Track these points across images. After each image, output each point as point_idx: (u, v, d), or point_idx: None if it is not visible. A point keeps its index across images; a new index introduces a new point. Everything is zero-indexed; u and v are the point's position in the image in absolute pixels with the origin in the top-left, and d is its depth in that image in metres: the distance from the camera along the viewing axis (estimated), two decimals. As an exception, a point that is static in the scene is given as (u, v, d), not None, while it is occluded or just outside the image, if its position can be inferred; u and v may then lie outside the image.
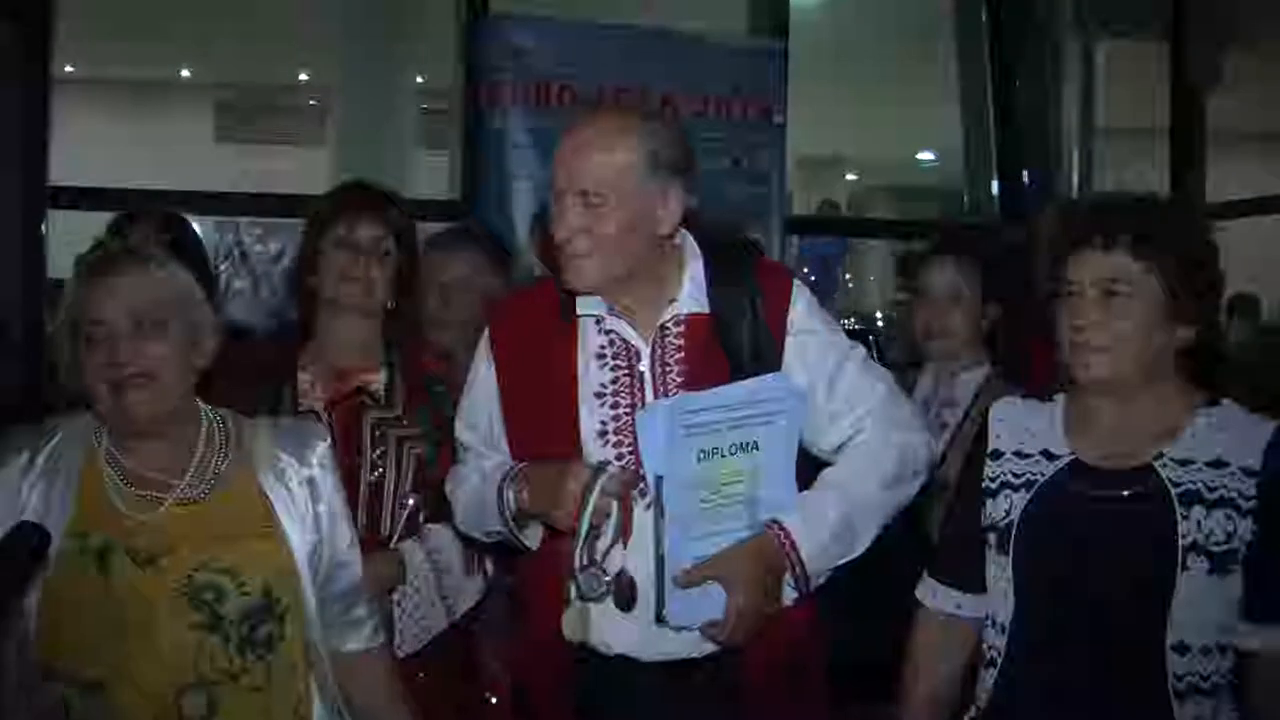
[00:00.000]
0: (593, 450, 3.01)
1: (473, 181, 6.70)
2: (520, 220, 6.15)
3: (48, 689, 2.67)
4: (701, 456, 2.91)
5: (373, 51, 10.17)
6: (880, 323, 10.84)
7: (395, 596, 3.55)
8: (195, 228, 4.87)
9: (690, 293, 3.06)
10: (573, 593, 2.95)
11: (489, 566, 3.73)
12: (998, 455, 2.88)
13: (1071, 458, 2.78)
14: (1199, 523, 2.60)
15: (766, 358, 3.04)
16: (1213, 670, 2.63)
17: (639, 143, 2.95)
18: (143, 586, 2.67)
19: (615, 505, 2.89)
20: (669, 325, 3.05)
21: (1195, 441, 2.68)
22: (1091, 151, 8.29)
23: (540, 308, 3.14)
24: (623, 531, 2.92)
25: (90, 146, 9.85)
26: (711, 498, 2.94)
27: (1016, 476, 2.82)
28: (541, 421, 3.07)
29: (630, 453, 2.99)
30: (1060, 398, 2.88)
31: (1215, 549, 2.59)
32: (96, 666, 2.65)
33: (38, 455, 2.78)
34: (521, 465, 3.06)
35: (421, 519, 3.63)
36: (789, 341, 3.07)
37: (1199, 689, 2.62)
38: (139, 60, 13.56)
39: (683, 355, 3.04)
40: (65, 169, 6.79)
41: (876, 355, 3.24)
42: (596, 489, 2.86)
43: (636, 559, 2.94)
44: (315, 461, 2.94)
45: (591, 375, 3.05)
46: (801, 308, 3.10)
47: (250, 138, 15.35)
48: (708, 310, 3.05)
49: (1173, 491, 2.63)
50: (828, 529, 2.96)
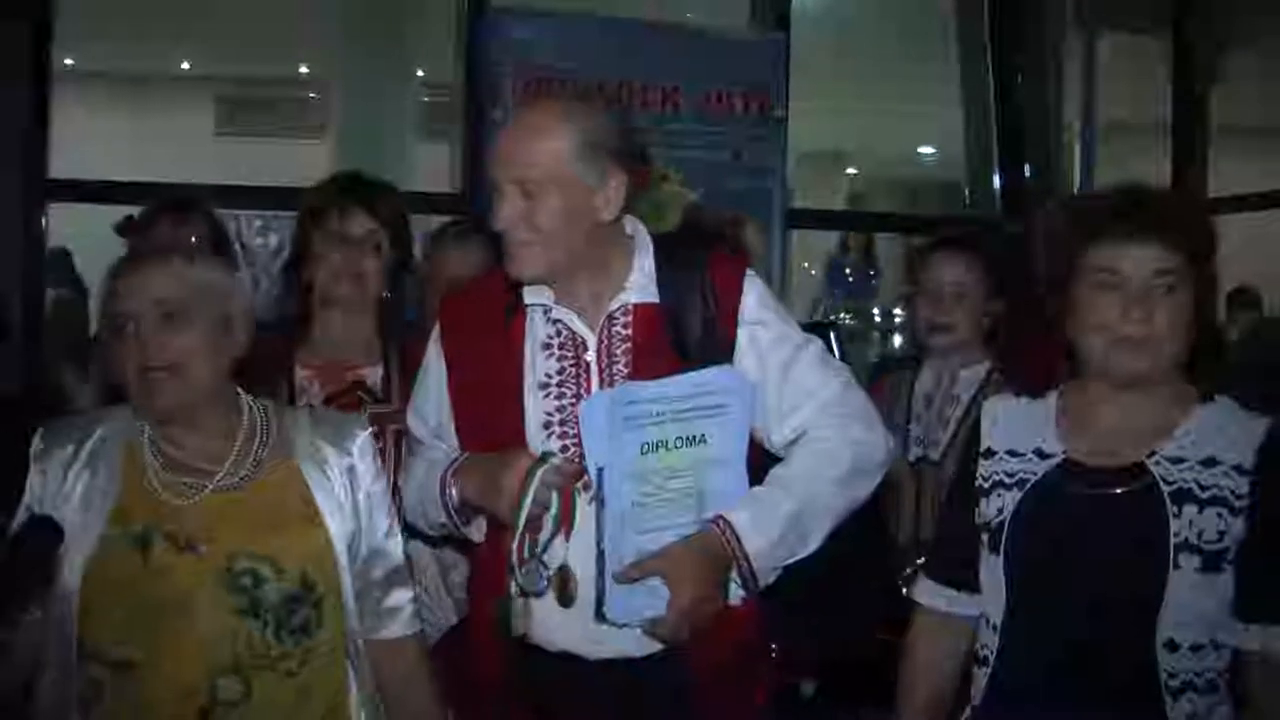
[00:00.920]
0: (538, 442, 2.95)
1: (473, 175, 6.69)
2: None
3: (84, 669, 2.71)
4: (645, 449, 2.85)
5: (373, 45, 10.18)
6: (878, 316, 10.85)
7: None
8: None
9: (639, 282, 2.99)
10: (513, 587, 2.90)
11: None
12: (990, 454, 2.85)
13: (1064, 456, 2.75)
14: (1191, 521, 2.58)
15: (717, 349, 2.97)
16: (1206, 668, 2.62)
17: (572, 129, 2.88)
18: (182, 571, 2.71)
19: (555, 497, 2.84)
20: (616, 315, 2.99)
21: (1188, 439, 2.65)
22: (1093, 147, 8.27)
23: (489, 297, 3.08)
24: (563, 524, 2.86)
25: (90, 140, 9.82)
26: (655, 491, 2.87)
27: (1009, 475, 2.79)
28: (488, 412, 3.02)
29: (575, 444, 2.92)
30: (1053, 395, 2.85)
31: (1207, 547, 2.57)
32: (134, 648, 2.69)
33: (83, 445, 2.83)
34: (464, 456, 3.02)
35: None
36: (741, 333, 3.00)
37: (1193, 686, 2.60)
38: (138, 53, 13.51)
39: (630, 346, 2.97)
40: (65, 162, 6.78)
41: (836, 351, 3.18)
42: (535, 480, 2.81)
43: (578, 553, 2.88)
44: (355, 451, 2.95)
45: (538, 365, 2.99)
46: (753, 299, 3.03)
47: (250, 131, 15.30)
48: (657, 300, 2.99)
49: (1165, 490, 2.61)
50: (776, 526, 2.88)
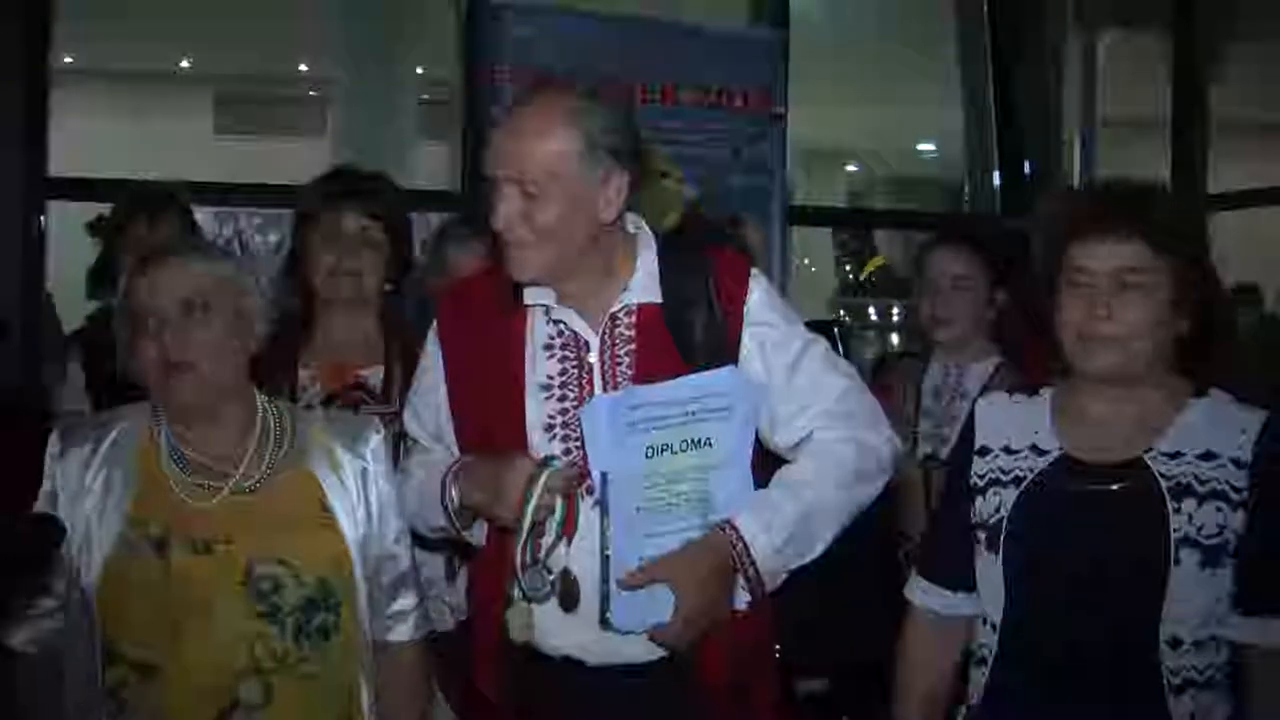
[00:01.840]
0: (539, 445, 2.90)
1: (473, 172, 6.68)
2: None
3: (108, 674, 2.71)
4: (649, 453, 2.80)
5: (373, 42, 10.18)
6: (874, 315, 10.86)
7: None
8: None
9: (642, 282, 2.94)
10: (516, 592, 2.86)
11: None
12: (985, 451, 2.83)
13: (1061, 453, 2.73)
14: (1190, 516, 2.57)
15: (722, 350, 2.92)
16: (1208, 664, 2.61)
17: (575, 127, 2.80)
18: (200, 574, 2.71)
19: (559, 502, 2.80)
20: (619, 316, 2.93)
21: (1185, 434, 2.64)
22: (1092, 144, 8.28)
23: (489, 296, 3.02)
24: (566, 529, 2.82)
25: (89, 138, 9.83)
26: (660, 496, 2.82)
27: (1005, 473, 2.77)
28: (488, 414, 2.97)
29: (578, 447, 2.87)
30: (1048, 391, 2.83)
31: (1207, 542, 2.56)
32: (154, 650, 2.69)
33: (100, 446, 2.83)
34: (465, 459, 2.96)
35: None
36: (745, 334, 2.95)
37: (1194, 683, 2.59)
38: (138, 52, 13.53)
39: (634, 347, 2.91)
40: (64, 160, 6.78)
41: (841, 349, 3.16)
42: (540, 484, 2.75)
43: (582, 559, 2.83)
44: (369, 454, 2.96)
45: (540, 367, 2.94)
46: (758, 299, 2.98)
47: (250, 129, 15.32)
48: (660, 300, 2.94)
49: (1163, 485, 2.60)
50: (783, 530, 2.84)
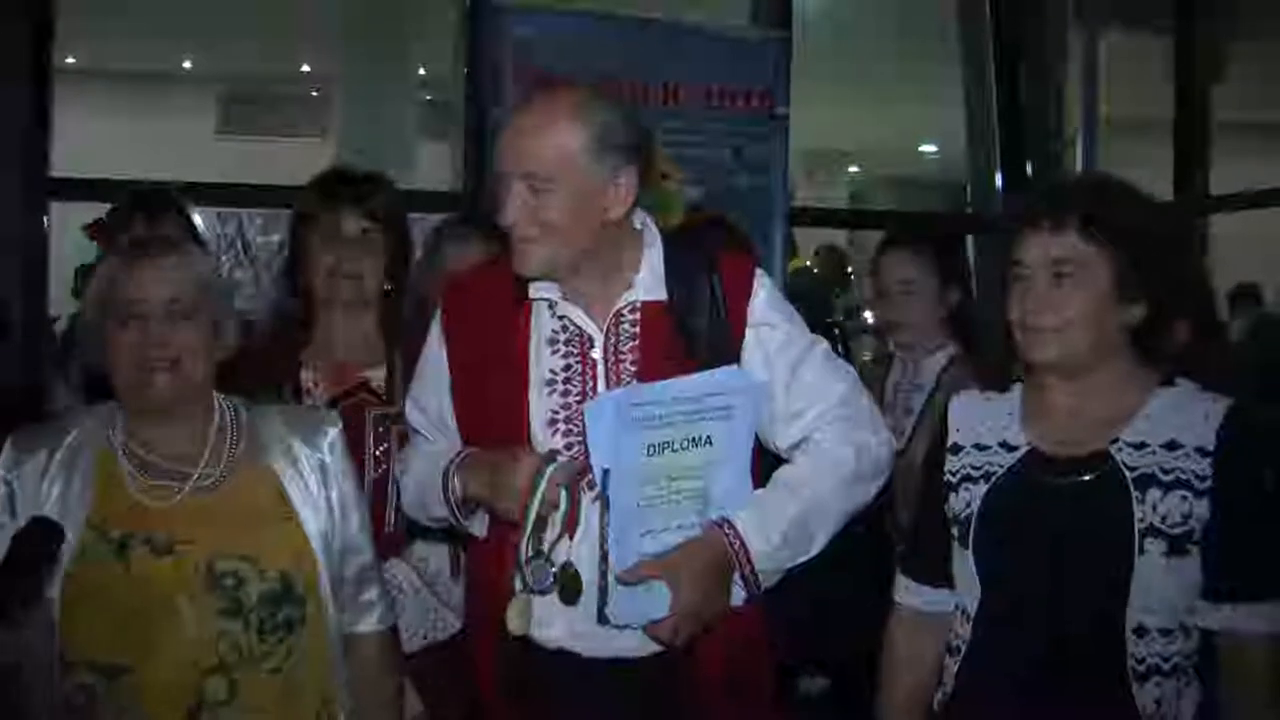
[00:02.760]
0: (541, 439, 2.93)
1: (475, 173, 6.69)
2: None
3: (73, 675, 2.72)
4: (651, 450, 2.82)
5: (374, 43, 10.20)
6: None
7: None
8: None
9: (647, 280, 2.97)
10: (518, 584, 2.88)
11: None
12: (957, 449, 2.89)
13: (1029, 448, 2.79)
14: (1154, 506, 2.62)
15: (725, 349, 2.95)
16: (1174, 652, 2.65)
17: (586, 124, 2.84)
18: (162, 574, 2.72)
19: (564, 495, 2.82)
20: (624, 313, 2.96)
21: (1150, 424, 2.69)
22: (1094, 144, 8.27)
23: (494, 288, 3.04)
24: (569, 524, 2.85)
25: (91, 139, 9.83)
26: (660, 493, 2.85)
27: (976, 469, 2.83)
28: (490, 407, 2.99)
29: (580, 442, 2.90)
30: (1017, 388, 2.89)
31: (1171, 531, 2.60)
32: (119, 653, 2.70)
33: (55, 451, 2.83)
34: (469, 451, 2.98)
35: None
36: (749, 333, 2.98)
37: (1159, 670, 2.64)
38: (140, 52, 13.55)
39: (638, 344, 2.95)
40: (67, 161, 6.78)
41: (842, 351, 3.17)
42: (546, 478, 2.79)
43: (582, 552, 2.87)
44: (326, 447, 2.97)
45: (543, 361, 2.97)
46: (763, 299, 3.02)
47: (252, 129, 15.34)
48: (665, 298, 2.97)
49: (1128, 475, 2.65)
50: (781, 529, 2.87)
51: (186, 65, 14.90)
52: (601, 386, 2.93)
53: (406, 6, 9.75)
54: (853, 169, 17.66)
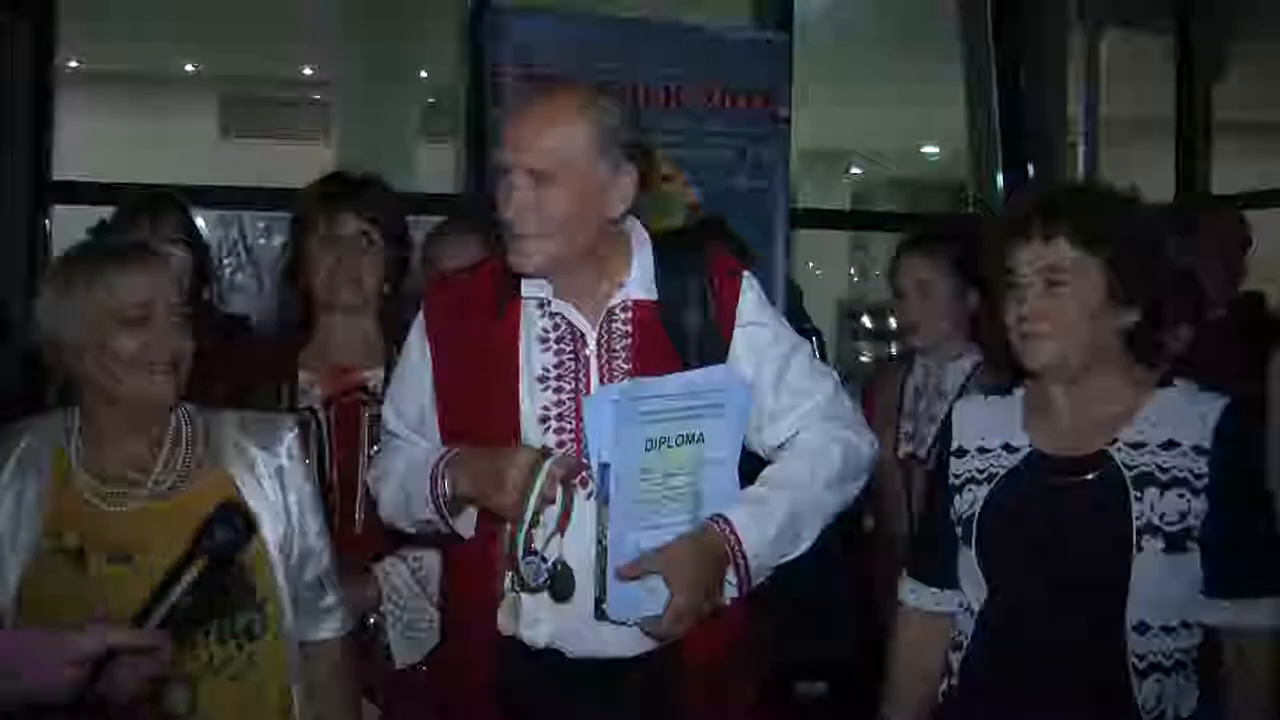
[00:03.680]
0: (534, 436, 2.93)
1: (476, 175, 6.69)
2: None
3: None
4: (649, 445, 2.83)
5: (376, 46, 10.17)
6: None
7: (384, 609, 3.53)
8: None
9: (639, 279, 2.98)
10: (509, 583, 2.88)
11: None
12: (962, 453, 2.96)
13: (1030, 449, 2.86)
14: (1152, 504, 2.67)
15: (713, 349, 2.97)
16: (1174, 648, 2.69)
17: (591, 121, 2.85)
18: (119, 583, 2.69)
19: (561, 492, 2.82)
20: (616, 311, 2.97)
21: (1148, 424, 2.74)
22: (1096, 145, 8.27)
23: (479, 289, 3.05)
24: (563, 520, 2.85)
25: (93, 142, 9.84)
26: (656, 488, 2.85)
27: (980, 472, 2.90)
28: (481, 406, 2.98)
29: (572, 439, 2.91)
30: (1019, 391, 2.95)
31: (1169, 528, 2.65)
32: None
33: (7, 460, 2.81)
34: (458, 450, 2.96)
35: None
36: (737, 334, 3.00)
37: (1160, 667, 2.68)
38: (142, 55, 13.53)
39: (630, 342, 2.96)
40: (69, 163, 6.79)
41: (819, 353, 3.18)
42: (544, 475, 2.78)
43: (573, 549, 2.85)
44: (284, 452, 2.96)
45: (534, 359, 2.96)
46: (751, 300, 3.03)
47: (254, 132, 15.33)
48: (656, 297, 2.98)
49: (1126, 475, 2.71)
50: (773, 526, 2.87)
51: (188, 68, 14.88)
52: (595, 383, 2.93)
53: (408, 9, 9.73)
54: (854, 170, 17.62)
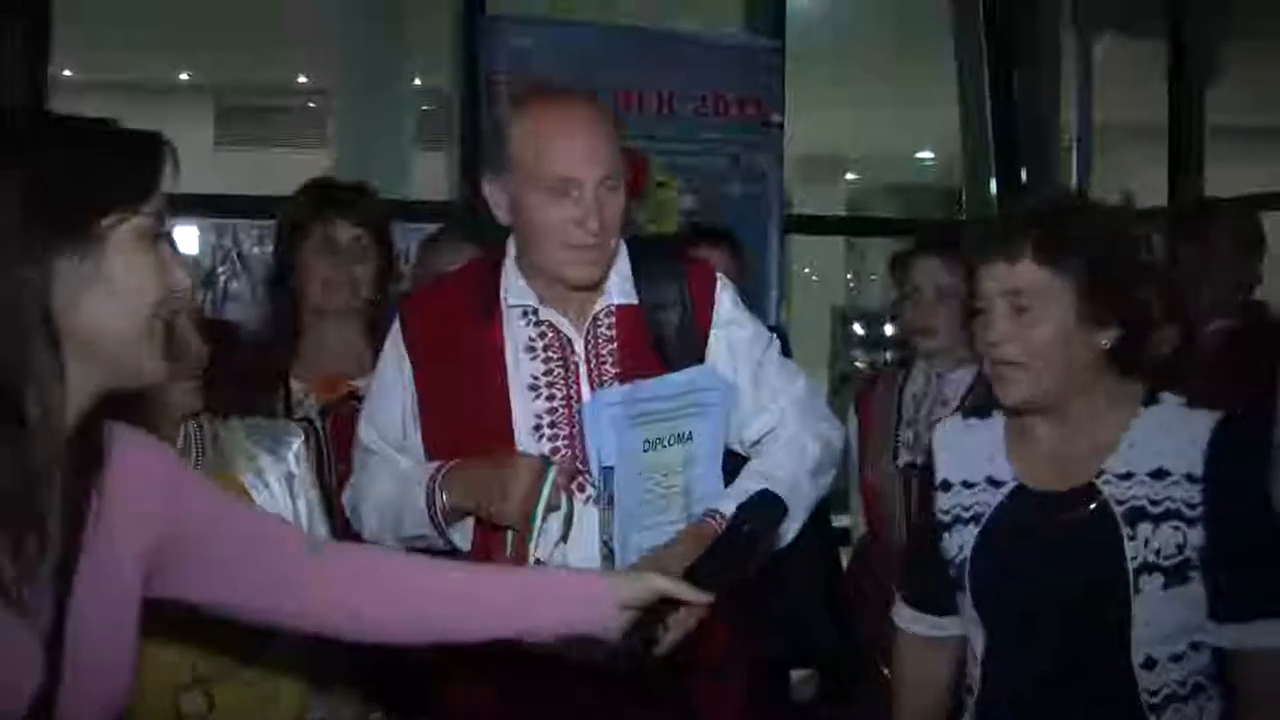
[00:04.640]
0: (528, 444, 2.93)
1: (471, 183, 6.70)
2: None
3: None
4: (647, 446, 2.87)
5: (371, 54, 10.17)
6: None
7: None
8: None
9: (619, 284, 3.01)
10: None
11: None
12: (947, 486, 2.83)
13: (1015, 483, 2.72)
14: (1147, 540, 2.54)
15: (693, 350, 3.00)
16: (1189, 673, 2.59)
17: (615, 128, 2.94)
18: None
19: (565, 498, 2.83)
20: (600, 316, 2.99)
21: (1135, 451, 2.61)
22: (1089, 150, 8.29)
23: (457, 301, 3.06)
24: (567, 526, 2.86)
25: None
26: (654, 489, 2.89)
27: (966, 510, 2.76)
28: (471, 417, 2.97)
29: (566, 445, 2.93)
30: (999, 414, 2.80)
31: (1166, 563, 2.53)
32: None
33: None
34: (452, 463, 2.95)
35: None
36: (715, 334, 3.03)
37: (1176, 697, 2.57)
38: (137, 63, 13.54)
39: (615, 346, 2.98)
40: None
41: (783, 350, 3.21)
42: (549, 482, 2.79)
43: (576, 554, 2.87)
44: (292, 458, 2.97)
45: (523, 368, 2.97)
46: (728, 301, 3.07)
47: (250, 140, 15.33)
48: (637, 302, 3.01)
49: (1117, 511, 2.57)
50: None
51: (184, 77, 14.90)
52: (585, 389, 2.95)
53: (403, 18, 9.74)
54: (849, 176, 17.64)
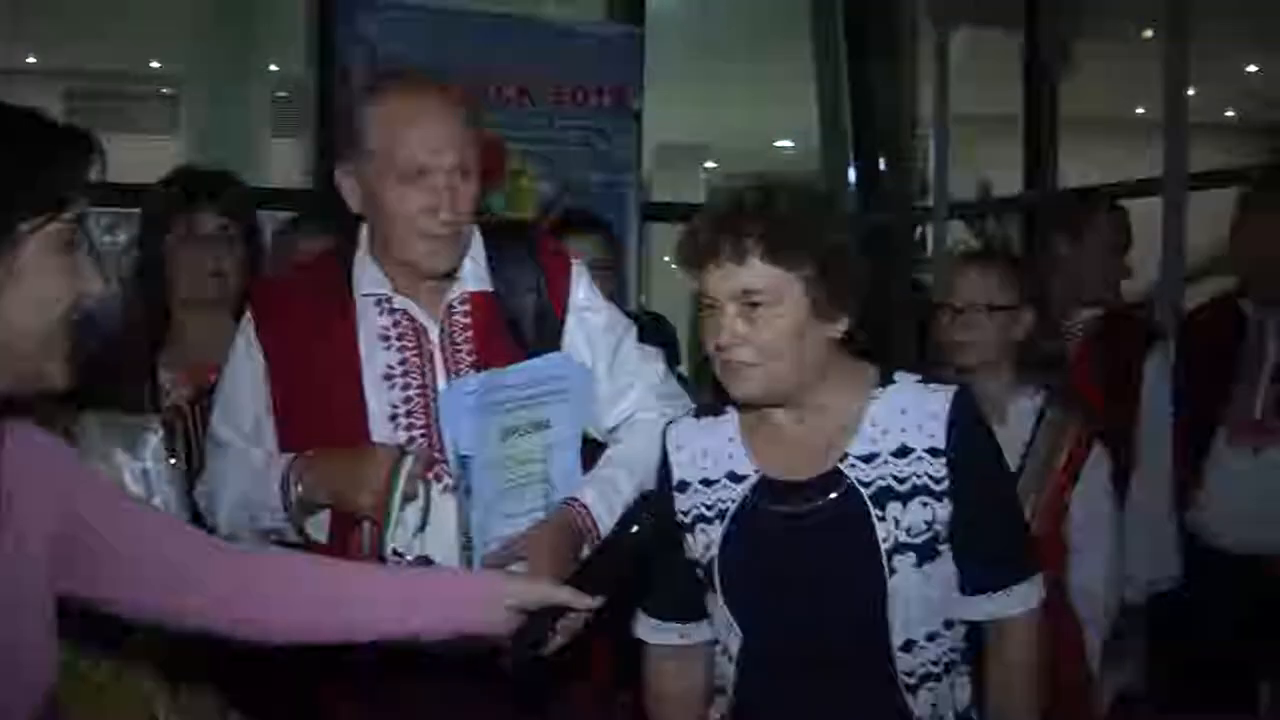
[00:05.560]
0: (384, 434, 2.89)
1: (327, 170, 6.62)
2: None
3: None
4: (504, 435, 2.85)
5: (224, 40, 10.07)
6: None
7: None
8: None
9: (472, 271, 2.98)
10: None
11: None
12: (684, 487, 2.72)
13: (758, 476, 2.64)
14: (896, 520, 2.52)
15: (549, 336, 2.99)
16: (944, 651, 2.59)
17: (471, 115, 2.91)
18: None
19: (422, 488, 2.80)
20: (455, 304, 2.96)
21: (876, 431, 2.58)
22: (946, 139, 8.37)
23: (309, 290, 3.03)
24: (424, 516, 2.83)
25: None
26: (513, 477, 2.87)
27: (708, 508, 2.67)
28: (325, 409, 2.92)
29: (423, 435, 2.90)
30: (732, 409, 2.72)
31: (917, 540, 2.52)
32: None
33: None
34: (307, 454, 2.90)
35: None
36: (570, 319, 3.02)
37: (931, 675, 2.57)
38: (-17, 47, 13.30)
39: (471, 334, 2.94)
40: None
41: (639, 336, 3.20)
42: (404, 472, 2.75)
43: (435, 545, 2.84)
44: (148, 455, 2.90)
45: (377, 357, 2.93)
46: (583, 288, 3.06)
47: (100, 127, 15.08)
48: (491, 288, 2.99)
49: (864, 493, 2.54)
50: (621, 503, 2.85)
51: (30, 60, 14.63)
52: (440, 378, 2.92)
53: (258, 2, 9.65)
54: (709, 164, 17.71)
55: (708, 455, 2.71)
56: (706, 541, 2.65)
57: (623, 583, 2.37)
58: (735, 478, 2.66)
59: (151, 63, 14.36)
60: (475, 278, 2.97)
